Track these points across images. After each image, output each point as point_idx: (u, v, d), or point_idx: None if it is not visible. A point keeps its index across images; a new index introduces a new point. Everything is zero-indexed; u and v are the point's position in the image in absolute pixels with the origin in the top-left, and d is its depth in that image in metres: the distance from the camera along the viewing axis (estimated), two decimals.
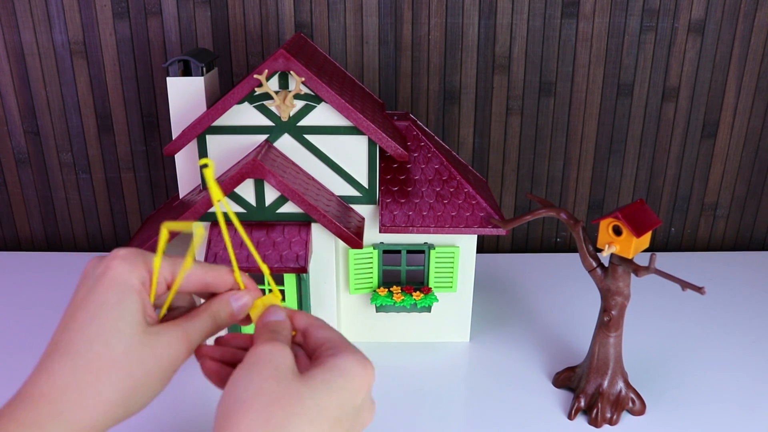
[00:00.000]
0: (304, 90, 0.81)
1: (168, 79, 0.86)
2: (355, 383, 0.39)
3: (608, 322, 0.78)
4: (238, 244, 0.82)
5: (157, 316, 0.44)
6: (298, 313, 0.45)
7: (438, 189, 0.89)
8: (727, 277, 1.13)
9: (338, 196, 0.88)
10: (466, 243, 0.89)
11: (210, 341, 0.84)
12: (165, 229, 0.43)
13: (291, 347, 0.42)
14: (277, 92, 0.82)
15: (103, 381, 0.38)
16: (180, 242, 0.97)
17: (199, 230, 0.43)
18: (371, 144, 0.85)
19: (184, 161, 0.90)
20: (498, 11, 1.09)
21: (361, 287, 0.91)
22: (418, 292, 0.90)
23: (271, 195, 0.81)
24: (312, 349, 0.42)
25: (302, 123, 0.84)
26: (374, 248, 0.89)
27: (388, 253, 0.91)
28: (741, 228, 1.27)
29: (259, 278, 0.85)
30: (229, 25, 1.10)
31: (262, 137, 0.85)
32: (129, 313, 0.40)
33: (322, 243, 0.84)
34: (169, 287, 0.45)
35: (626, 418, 0.81)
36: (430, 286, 0.91)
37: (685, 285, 0.69)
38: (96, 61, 1.12)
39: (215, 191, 0.43)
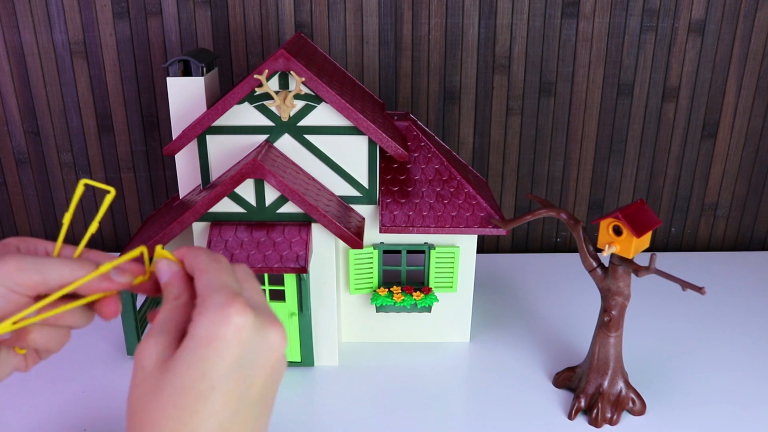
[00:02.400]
0: (305, 90, 0.81)
1: (168, 79, 0.86)
2: (216, 344, 0.36)
3: (608, 322, 0.78)
4: (239, 244, 0.82)
5: None
6: (189, 255, 0.41)
7: (438, 189, 0.89)
8: (727, 277, 1.13)
9: (338, 196, 0.88)
10: (466, 243, 0.89)
11: None
12: (82, 184, 0.42)
13: (189, 306, 0.39)
14: (277, 92, 0.82)
15: None
16: (179, 242, 0.97)
17: (110, 194, 0.42)
18: (371, 144, 0.85)
19: (184, 161, 0.90)
20: (498, 11, 1.09)
21: (361, 287, 0.91)
22: (418, 292, 0.90)
23: (271, 195, 0.81)
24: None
25: (302, 123, 0.84)
26: (374, 248, 0.89)
27: (389, 253, 0.91)
28: (741, 228, 1.27)
29: (258, 278, 0.85)
30: (229, 25, 1.10)
31: (262, 137, 0.85)
32: None
33: (323, 243, 0.84)
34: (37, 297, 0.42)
35: (626, 418, 0.81)
36: (430, 286, 0.91)
37: (685, 285, 0.69)
38: (96, 61, 1.12)
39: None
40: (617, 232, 0.73)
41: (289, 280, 0.84)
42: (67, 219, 0.43)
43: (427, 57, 1.12)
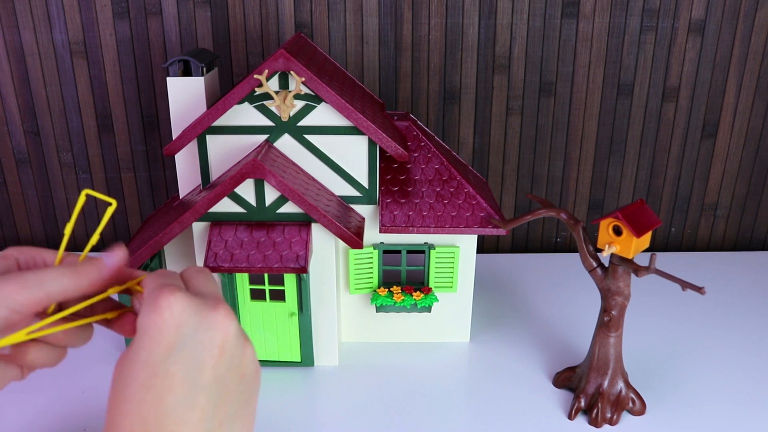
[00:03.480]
0: (304, 90, 0.81)
1: (168, 79, 0.86)
2: (149, 333, 0.36)
3: (608, 322, 0.78)
4: (239, 244, 0.82)
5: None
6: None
7: (438, 189, 0.89)
8: (727, 277, 1.13)
9: (338, 196, 0.88)
10: (466, 243, 0.89)
11: None
12: (83, 194, 0.43)
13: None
14: (277, 92, 0.82)
15: None
16: (179, 242, 0.97)
17: (112, 206, 0.43)
18: (371, 144, 0.85)
19: (184, 161, 0.90)
20: (498, 11, 1.09)
21: (361, 287, 0.91)
22: (418, 292, 0.90)
23: (271, 195, 0.81)
24: None
25: (302, 123, 0.84)
26: (374, 248, 0.89)
27: (388, 253, 0.91)
28: (741, 228, 1.27)
29: (258, 278, 0.85)
30: (229, 25, 1.10)
31: (262, 137, 0.85)
32: None
33: (323, 243, 0.84)
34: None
35: (626, 418, 0.81)
36: (430, 286, 0.91)
37: (685, 285, 0.69)
38: (96, 61, 1.12)
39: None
40: (617, 232, 0.73)
41: (289, 280, 0.84)
42: (68, 229, 0.43)
43: (427, 57, 1.12)
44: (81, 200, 0.43)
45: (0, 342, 0.39)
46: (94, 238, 0.44)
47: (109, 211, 0.42)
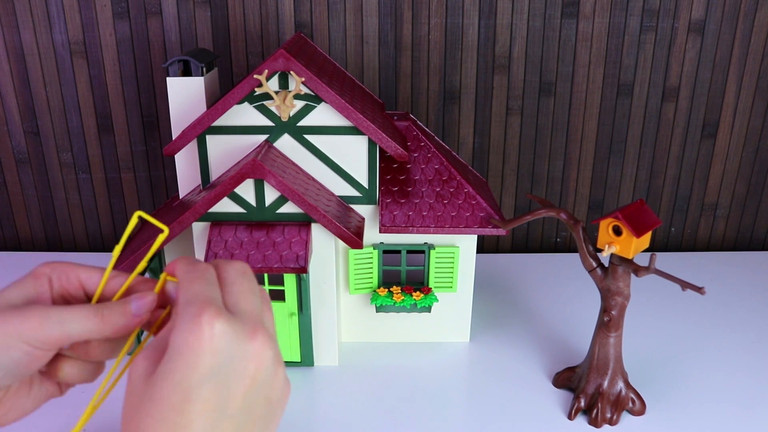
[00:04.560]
0: (304, 90, 0.81)
1: (168, 79, 0.86)
2: (185, 355, 0.35)
3: (608, 322, 0.78)
4: (238, 244, 0.82)
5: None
6: (176, 269, 0.41)
7: (438, 189, 0.89)
8: (727, 277, 1.13)
9: (338, 196, 0.88)
10: (466, 243, 0.89)
11: None
12: (136, 216, 0.42)
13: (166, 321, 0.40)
14: (277, 92, 0.82)
15: None
16: (179, 242, 0.97)
17: (164, 233, 0.42)
18: (371, 144, 0.85)
19: (184, 161, 0.90)
20: (498, 11, 1.09)
21: (361, 287, 0.91)
22: (418, 292, 0.90)
23: (271, 195, 0.81)
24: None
25: (302, 123, 0.84)
26: (374, 248, 0.89)
27: (388, 253, 0.91)
28: (741, 228, 1.27)
29: (258, 278, 0.85)
30: (229, 25, 1.10)
31: (262, 137, 0.85)
32: (9, 292, 0.41)
33: (322, 243, 0.84)
34: (84, 289, 0.43)
35: (626, 418, 0.81)
36: (430, 286, 0.91)
37: (685, 285, 0.69)
38: (96, 61, 1.12)
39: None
40: (617, 232, 0.73)
41: (289, 280, 0.84)
42: (117, 251, 0.42)
43: (427, 57, 1.12)
44: (133, 222, 0.42)
45: (80, 424, 0.41)
46: (141, 266, 0.43)
47: (160, 238, 0.42)
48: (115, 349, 0.44)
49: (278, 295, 0.85)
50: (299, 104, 0.83)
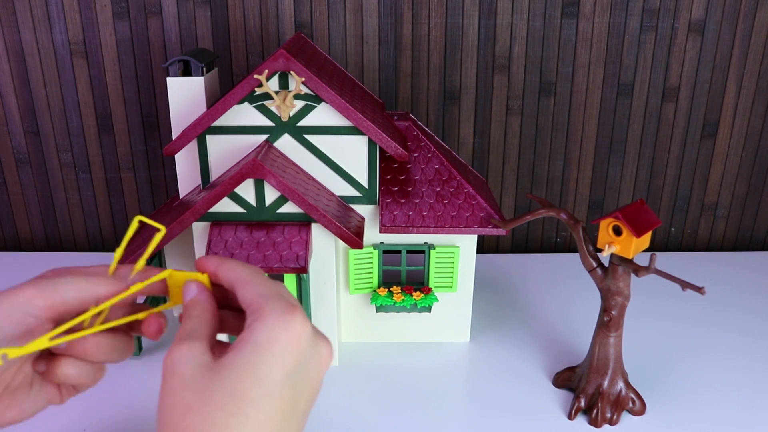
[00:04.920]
0: (304, 90, 0.81)
1: (168, 79, 0.86)
2: (275, 351, 0.35)
3: (608, 322, 0.78)
4: (238, 244, 0.82)
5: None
6: (223, 268, 0.41)
7: (438, 189, 0.89)
8: (727, 277, 1.13)
9: (338, 196, 0.88)
10: (466, 243, 0.89)
11: None
12: (136, 220, 0.43)
13: (215, 319, 0.39)
14: (277, 92, 0.82)
15: None
16: (179, 242, 0.97)
17: (161, 232, 0.42)
18: (371, 144, 0.85)
19: (184, 161, 0.90)
20: (498, 11, 1.09)
21: (361, 287, 0.91)
22: (418, 292, 0.90)
23: (271, 195, 0.81)
24: (243, 308, 0.39)
25: (302, 123, 0.84)
26: (374, 248, 0.89)
27: (388, 253, 0.91)
28: (741, 228, 1.27)
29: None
30: (229, 25, 1.10)
31: (262, 137, 0.85)
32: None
33: (322, 243, 0.84)
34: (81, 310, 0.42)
35: (626, 418, 0.81)
36: (430, 286, 0.91)
37: (685, 285, 0.69)
38: (96, 61, 1.12)
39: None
40: (617, 232, 0.73)
41: (289, 280, 0.84)
42: (118, 253, 0.42)
43: (427, 57, 1.12)
44: (133, 226, 0.42)
45: (26, 348, 0.38)
46: (140, 263, 0.43)
47: (158, 237, 0.42)
48: (113, 351, 0.43)
49: None
50: (299, 104, 0.83)
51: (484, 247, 1.27)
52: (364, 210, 0.88)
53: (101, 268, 0.44)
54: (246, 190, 0.81)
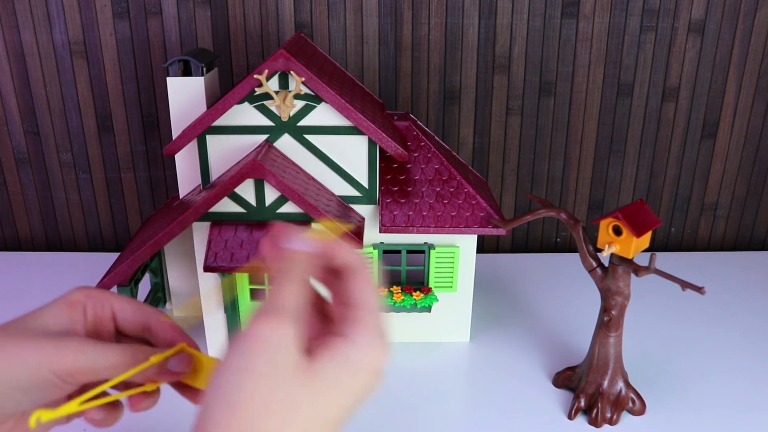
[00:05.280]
0: (304, 90, 0.81)
1: (168, 79, 0.86)
2: (363, 379, 0.34)
3: (608, 322, 0.78)
4: (238, 244, 0.82)
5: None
6: (337, 246, 0.37)
7: (438, 189, 0.89)
8: (727, 277, 1.13)
9: (338, 196, 0.88)
10: (466, 243, 0.89)
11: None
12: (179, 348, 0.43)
13: (308, 310, 0.36)
14: (277, 92, 0.82)
15: None
16: (179, 242, 0.97)
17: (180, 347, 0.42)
18: (371, 144, 0.85)
19: (184, 161, 0.89)
20: (498, 11, 1.09)
21: None
22: (418, 292, 0.90)
23: (271, 195, 0.81)
24: (338, 302, 0.36)
25: (302, 123, 0.84)
26: (374, 248, 0.89)
27: (388, 253, 0.91)
28: (741, 228, 1.27)
29: (258, 277, 0.85)
30: (229, 25, 1.10)
31: (262, 137, 0.85)
32: (44, 317, 0.41)
33: None
34: (115, 319, 0.43)
35: (626, 418, 0.81)
36: (430, 286, 0.91)
37: (685, 285, 0.69)
38: (96, 61, 1.12)
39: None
40: (617, 232, 0.73)
41: None
42: (155, 359, 0.42)
43: (427, 57, 1.12)
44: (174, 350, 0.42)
45: (58, 411, 0.38)
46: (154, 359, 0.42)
47: (172, 351, 0.42)
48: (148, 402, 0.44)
49: None
50: (299, 104, 0.83)
51: (484, 247, 1.27)
52: (364, 210, 0.88)
53: (131, 302, 0.44)
54: (246, 190, 0.81)
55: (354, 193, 0.88)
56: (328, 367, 0.33)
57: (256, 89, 0.80)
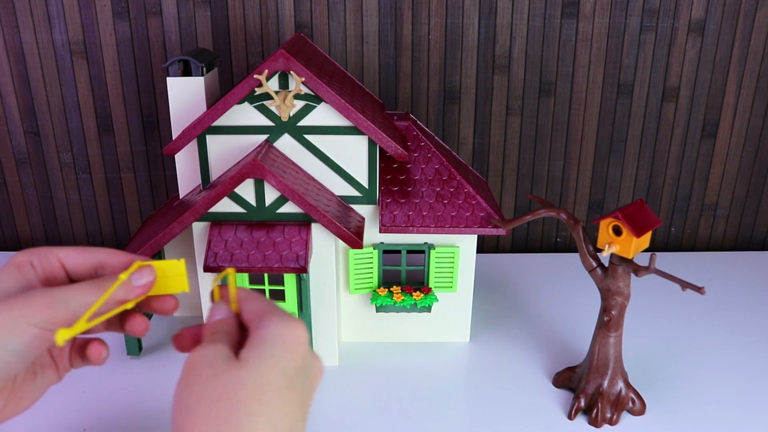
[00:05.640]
0: (304, 90, 0.81)
1: (168, 79, 0.86)
2: (288, 347, 0.38)
3: (608, 322, 0.78)
4: (238, 244, 0.82)
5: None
6: (242, 297, 0.44)
7: (438, 189, 0.89)
8: (727, 277, 1.13)
9: (338, 196, 0.88)
10: (466, 243, 0.89)
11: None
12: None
13: (236, 334, 0.42)
14: (277, 92, 0.82)
15: None
16: (179, 242, 0.97)
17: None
18: (371, 144, 0.85)
19: (184, 161, 0.90)
20: (498, 11, 1.09)
21: (361, 287, 0.91)
22: (418, 292, 0.90)
23: (271, 195, 0.81)
24: (246, 326, 0.42)
25: (302, 123, 0.84)
26: (374, 248, 0.89)
27: (388, 253, 0.91)
28: (741, 228, 1.27)
29: (258, 278, 0.85)
30: (229, 25, 1.10)
31: (262, 137, 0.85)
32: (2, 284, 0.42)
33: (322, 243, 0.84)
34: (65, 268, 0.45)
35: (626, 418, 0.81)
36: (430, 286, 0.91)
37: (685, 285, 0.69)
38: (96, 61, 1.12)
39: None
40: (617, 232, 0.73)
41: (289, 280, 0.84)
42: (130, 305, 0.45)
43: (427, 57, 1.12)
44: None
45: (74, 329, 0.40)
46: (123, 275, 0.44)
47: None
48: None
49: (278, 295, 0.85)
50: (299, 104, 0.83)
51: (484, 247, 1.27)
52: (364, 210, 0.88)
53: (75, 250, 0.45)
54: (246, 190, 0.81)
55: (354, 193, 0.88)
56: (256, 349, 0.38)
57: (256, 89, 0.80)
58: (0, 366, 0.39)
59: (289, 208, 0.82)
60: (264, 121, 0.84)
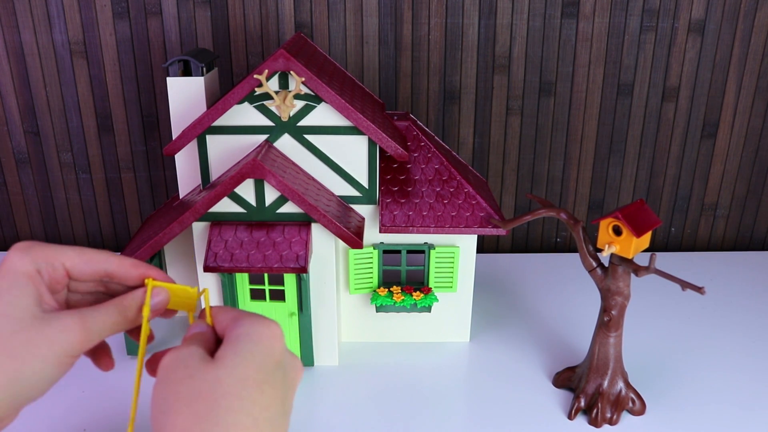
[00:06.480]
0: (304, 90, 0.81)
1: (168, 79, 0.86)
2: (264, 343, 0.39)
3: (608, 322, 0.78)
4: (238, 244, 0.82)
5: (57, 304, 0.44)
6: (215, 311, 0.45)
7: (438, 189, 0.89)
8: (727, 277, 1.13)
9: (338, 196, 0.88)
10: (466, 243, 0.89)
11: None
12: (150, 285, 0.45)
13: (212, 342, 0.42)
14: (277, 92, 0.82)
15: None
16: (179, 242, 0.97)
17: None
18: (371, 144, 0.85)
19: (184, 161, 0.90)
20: (498, 11, 1.09)
21: (361, 287, 0.91)
22: (418, 292, 0.90)
23: (271, 195, 0.81)
24: (221, 334, 0.43)
25: (302, 123, 0.84)
26: (374, 248, 0.89)
27: (388, 253, 0.91)
28: (741, 228, 1.27)
29: (258, 277, 0.85)
30: (229, 25, 1.10)
31: (262, 137, 0.85)
32: (18, 298, 0.41)
33: (322, 243, 0.84)
34: (69, 275, 0.45)
35: (626, 418, 0.81)
36: (430, 286, 0.91)
37: (685, 285, 0.69)
38: (96, 61, 1.12)
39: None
40: (617, 232, 0.73)
41: (289, 280, 0.84)
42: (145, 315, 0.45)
43: (427, 57, 1.12)
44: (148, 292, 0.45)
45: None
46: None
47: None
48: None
49: (278, 295, 0.85)
50: (299, 104, 0.83)
51: (484, 247, 1.27)
52: (364, 210, 0.88)
53: (78, 253, 0.45)
54: (246, 190, 0.81)
55: (354, 193, 0.88)
56: (232, 347, 0.39)
57: (256, 89, 0.81)
58: (35, 394, 0.41)
59: (289, 208, 0.82)
60: (264, 121, 0.84)
